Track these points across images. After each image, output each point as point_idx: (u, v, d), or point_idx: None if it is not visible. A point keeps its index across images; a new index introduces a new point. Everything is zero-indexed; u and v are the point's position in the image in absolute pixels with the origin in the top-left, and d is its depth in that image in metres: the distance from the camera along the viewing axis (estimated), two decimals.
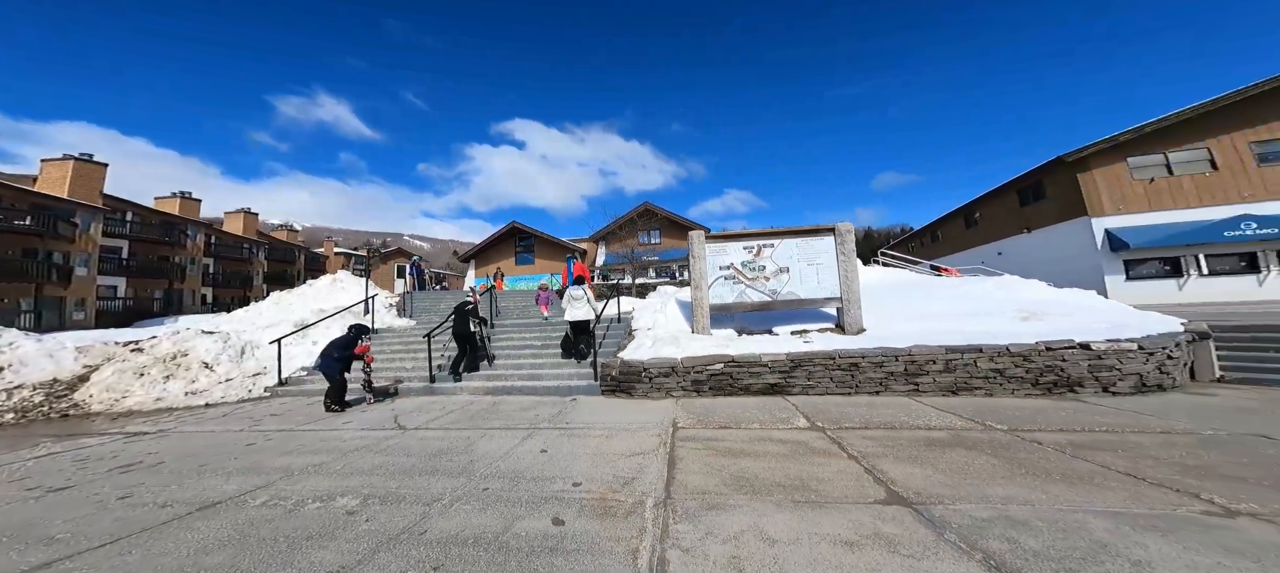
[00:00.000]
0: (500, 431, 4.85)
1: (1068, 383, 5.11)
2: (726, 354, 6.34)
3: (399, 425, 5.28)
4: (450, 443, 4.42)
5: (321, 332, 9.65)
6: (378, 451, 4.26)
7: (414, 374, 7.76)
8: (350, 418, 5.79)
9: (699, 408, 5.52)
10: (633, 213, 22.18)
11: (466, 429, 4.98)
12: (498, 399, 6.60)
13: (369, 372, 6.72)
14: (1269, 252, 14.10)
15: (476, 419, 5.44)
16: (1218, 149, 14.93)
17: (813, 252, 8.10)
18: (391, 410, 6.15)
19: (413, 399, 6.93)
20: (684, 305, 9.54)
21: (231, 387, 7.36)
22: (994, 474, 2.95)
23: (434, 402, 6.56)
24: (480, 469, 3.60)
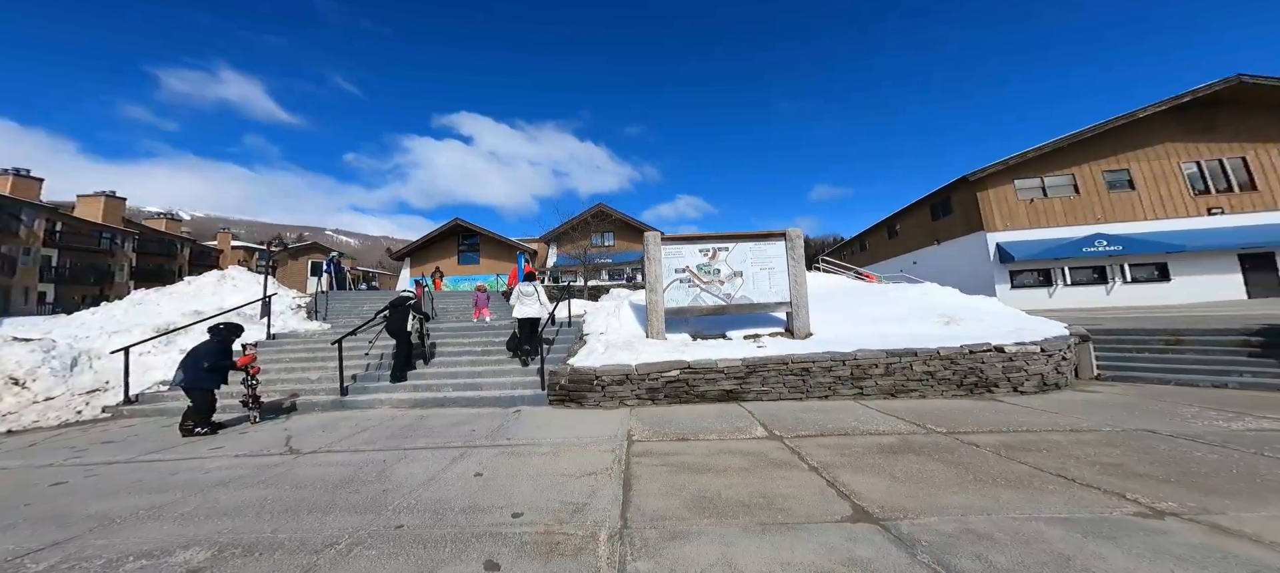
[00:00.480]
0: (426, 451, 4.20)
1: (986, 384, 5.60)
2: (683, 361, 6.16)
3: (291, 450, 4.40)
4: (358, 470, 3.72)
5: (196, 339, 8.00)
6: (254, 483, 3.45)
7: (321, 387, 6.66)
8: (221, 443, 4.74)
9: (654, 418, 5.26)
10: (586, 214, 21.65)
11: (383, 451, 4.26)
12: (426, 413, 5.83)
13: (253, 385, 5.58)
14: (1115, 265, 17.13)
15: (397, 438, 4.70)
16: (1079, 176, 17.88)
17: (765, 256, 8.24)
18: (283, 431, 5.16)
19: (316, 416, 5.90)
20: (638, 309, 9.28)
21: (52, 408, 5.75)
22: (947, 482, 3.00)
23: (344, 418, 5.62)
24: (395, 501, 3.00)
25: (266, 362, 7.29)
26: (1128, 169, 17.47)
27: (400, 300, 7.07)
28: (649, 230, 8.30)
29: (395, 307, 6.91)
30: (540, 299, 7.36)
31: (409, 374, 6.88)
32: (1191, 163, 16.81)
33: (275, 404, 6.11)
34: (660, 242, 8.22)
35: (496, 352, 7.60)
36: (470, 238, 27.84)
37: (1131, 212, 17.19)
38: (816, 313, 8.40)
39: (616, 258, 26.02)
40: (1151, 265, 16.95)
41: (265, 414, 5.81)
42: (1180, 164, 16.90)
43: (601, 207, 22.21)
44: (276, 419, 5.74)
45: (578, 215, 21.87)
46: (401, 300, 7.06)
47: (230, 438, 4.91)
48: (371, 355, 7.57)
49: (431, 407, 6.15)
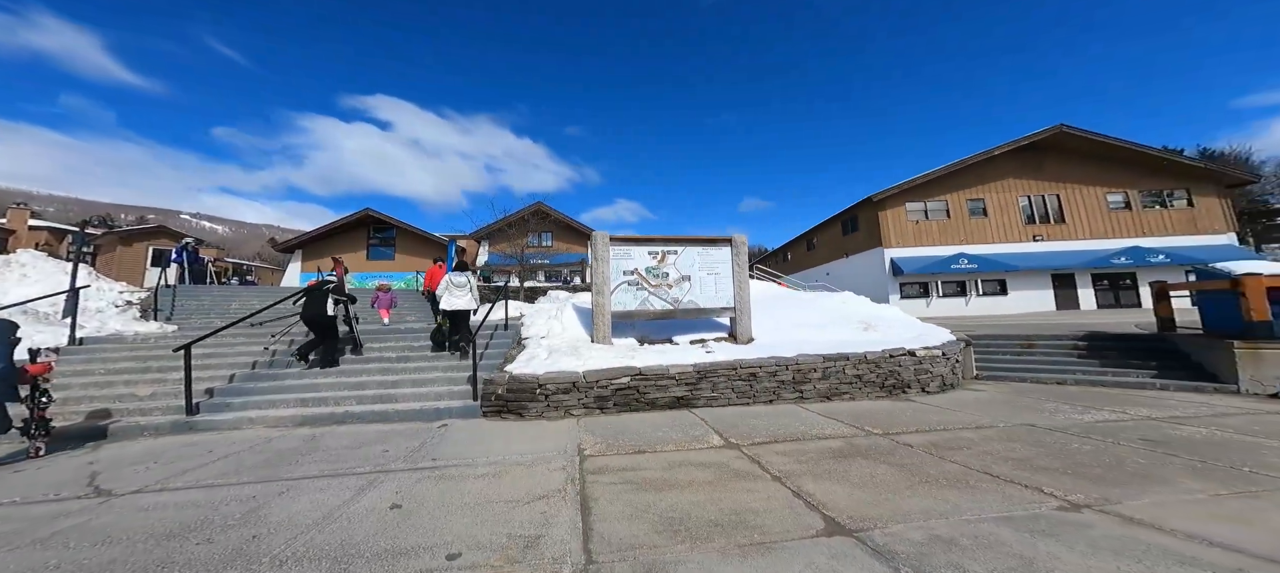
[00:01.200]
0: (319, 481, 3.40)
1: (902, 385, 6.25)
2: (634, 367, 5.91)
3: (97, 490, 3.27)
4: (211, 512, 2.84)
5: None
6: (29, 543, 2.42)
7: (157, 405, 5.13)
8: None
9: (606, 428, 4.93)
10: (524, 211, 20.25)
11: (253, 483, 3.35)
12: (319, 433, 4.79)
13: (42, 404, 4.11)
14: (972, 281, 20.86)
15: (275, 467, 3.75)
16: (951, 202, 21.46)
17: (712, 261, 8.36)
18: (87, 465, 3.84)
19: (145, 443, 4.53)
20: (582, 312, 8.82)
21: None
22: (899, 486, 3.15)
23: (191, 445, 4.36)
24: (273, 550, 2.32)
25: (70, 374, 5.45)
26: (983, 199, 21.42)
27: (318, 284, 6.44)
28: (593, 231, 7.91)
29: (311, 292, 6.30)
30: (472, 291, 6.96)
31: (305, 378, 5.62)
32: (1025, 197, 21.17)
33: (77, 430, 4.51)
34: (609, 241, 7.89)
35: (416, 358, 6.59)
36: (385, 231, 24.47)
37: (985, 236, 21.11)
38: (753, 319, 8.75)
39: (554, 259, 24.97)
40: (996, 282, 20.98)
41: (57, 444, 4.27)
42: (1017, 197, 21.19)
43: (541, 205, 21.02)
44: (79, 451, 4.22)
45: (515, 213, 20.38)
46: (320, 283, 6.44)
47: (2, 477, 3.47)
48: (245, 362, 6.05)
49: (326, 424, 5.07)
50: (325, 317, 6.15)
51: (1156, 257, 19.33)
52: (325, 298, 6.26)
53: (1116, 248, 20.02)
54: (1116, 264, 19.62)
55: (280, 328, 7.07)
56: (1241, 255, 19.33)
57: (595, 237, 7.84)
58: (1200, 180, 19.89)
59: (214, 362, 5.99)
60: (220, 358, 6.08)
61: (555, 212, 22.05)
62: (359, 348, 6.73)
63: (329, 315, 6.19)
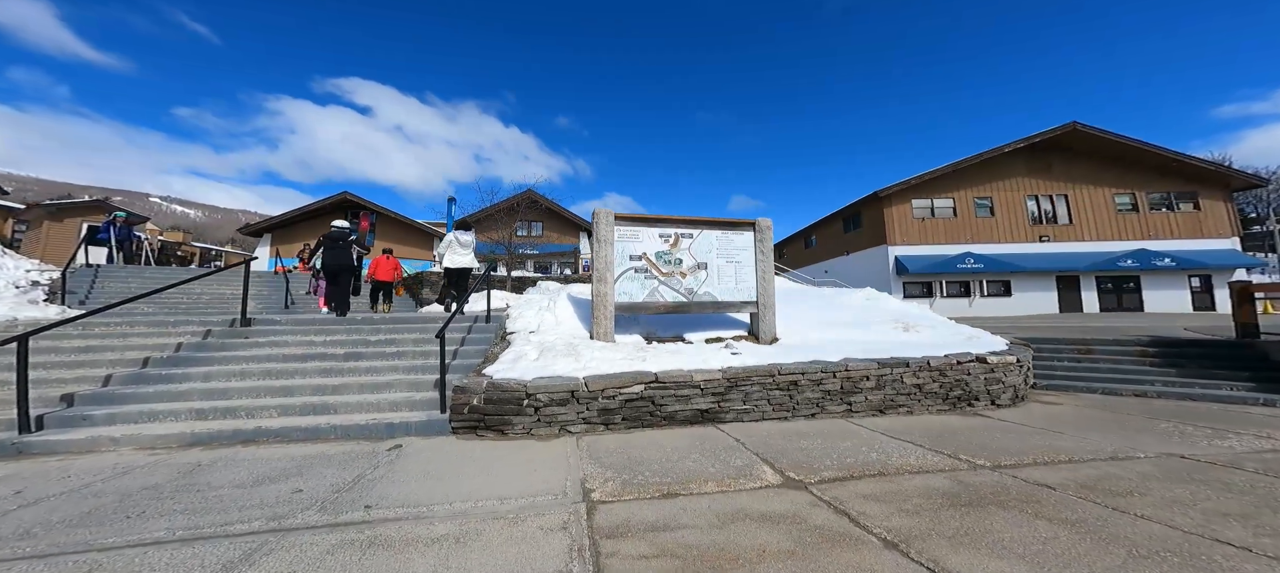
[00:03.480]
0: (159, 551, 2.13)
1: (968, 396, 5.18)
2: (647, 372, 4.68)
3: None
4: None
5: None
6: None
7: None
8: None
9: (615, 454, 3.70)
10: (514, 199, 18.91)
11: (38, 559, 2.03)
12: (211, 458, 3.46)
13: None
14: (977, 281, 20.23)
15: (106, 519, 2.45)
16: (958, 200, 20.78)
17: (732, 248, 7.17)
18: None
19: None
20: (579, 303, 7.54)
21: None
22: (1076, 557, 2.01)
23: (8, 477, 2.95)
24: None
25: None
26: (990, 198, 20.81)
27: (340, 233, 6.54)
28: (595, 208, 6.64)
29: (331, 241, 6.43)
30: (473, 250, 7.29)
31: (215, 380, 4.22)
32: (1032, 196, 20.63)
33: None
34: (614, 220, 6.63)
35: (371, 355, 5.22)
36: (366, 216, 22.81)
37: (991, 235, 20.50)
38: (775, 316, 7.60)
39: (543, 248, 23.60)
40: (1001, 283, 20.41)
41: None
42: (1025, 197, 20.63)
43: (531, 193, 19.63)
44: None
45: (504, 200, 19.07)
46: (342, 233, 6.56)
47: None
48: (134, 358, 4.60)
49: (227, 444, 3.70)
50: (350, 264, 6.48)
51: (1162, 260, 18.97)
52: (350, 249, 6.54)
53: (1123, 250, 19.61)
54: (1123, 267, 19.20)
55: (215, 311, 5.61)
56: (1246, 262, 19.16)
57: (598, 214, 6.57)
58: (1208, 183, 19.63)
59: (91, 358, 4.54)
60: (101, 354, 4.62)
61: (546, 199, 20.68)
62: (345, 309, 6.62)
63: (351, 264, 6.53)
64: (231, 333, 5.33)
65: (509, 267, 16.98)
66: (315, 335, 5.50)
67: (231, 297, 10.42)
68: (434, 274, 13.11)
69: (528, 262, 20.76)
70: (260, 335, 5.35)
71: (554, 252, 24.68)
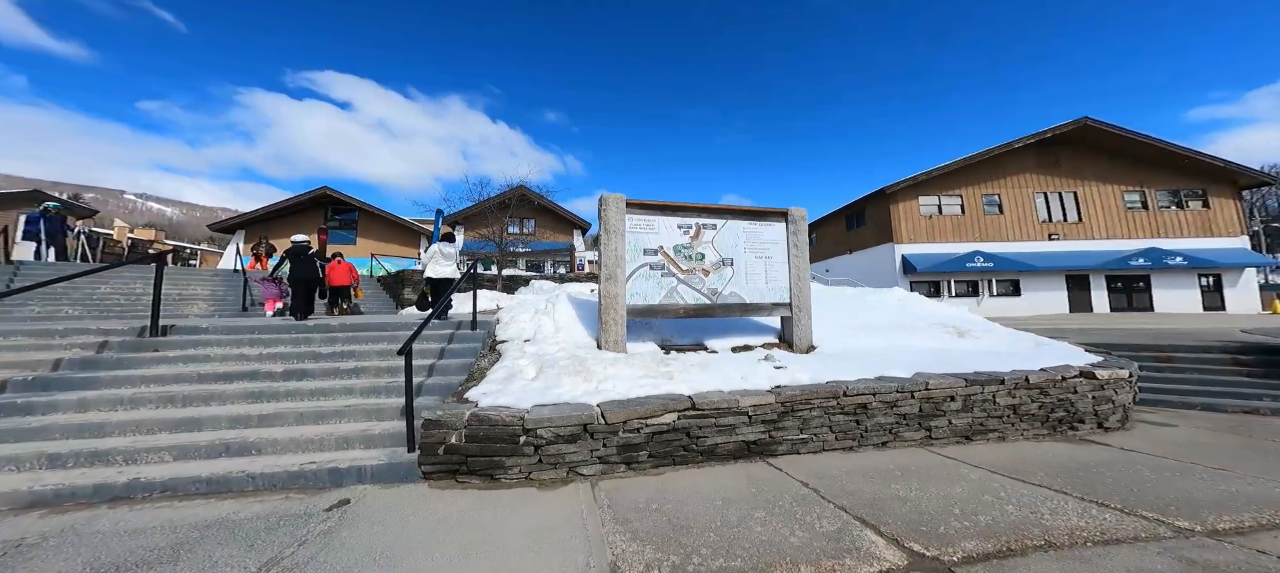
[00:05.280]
0: None
1: (1073, 418, 4.25)
2: (679, 396, 3.63)
3: None
4: None
5: None
6: None
7: None
8: None
9: (649, 513, 2.64)
10: (505, 195, 17.74)
11: None
12: (57, 524, 2.35)
13: None
14: (985, 280, 19.62)
15: None
16: (966, 197, 20.15)
17: (761, 241, 6.15)
18: None
19: None
20: (582, 306, 6.46)
21: None
22: None
23: None
24: None
25: None
26: (999, 195, 20.22)
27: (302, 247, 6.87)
28: (603, 194, 5.56)
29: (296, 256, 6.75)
30: (457, 260, 7.54)
31: (92, 410, 3.04)
32: (1041, 193, 20.09)
33: None
34: (625, 207, 5.55)
35: (319, 373, 4.05)
36: (345, 212, 21.40)
37: (1000, 233, 19.91)
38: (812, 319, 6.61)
39: (536, 246, 22.41)
40: (1010, 282, 19.84)
41: None
42: (1034, 193, 20.08)
43: (523, 189, 18.46)
44: None
45: (495, 196, 17.88)
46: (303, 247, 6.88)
47: None
48: None
49: (84, 505, 2.55)
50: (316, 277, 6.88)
51: (1174, 259, 18.56)
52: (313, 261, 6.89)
53: (1134, 249, 19.16)
54: (1135, 266, 18.74)
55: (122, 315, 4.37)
56: (1257, 261, 18.87)
57: (607, 200, 5.49)
58: (1217, 180, 19.30)
59: None
60: None
61: (538, 195, 19.48)
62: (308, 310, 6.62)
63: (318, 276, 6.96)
64: (136, 345, 4.12)
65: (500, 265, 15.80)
66: (249, 347, 4.31)
67: (178, 297, 9.09)
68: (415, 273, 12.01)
69: (520, 260, 19.57)
70: (175, 348, 4.15)
71: (547, 249, 23.49)
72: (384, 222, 21.91)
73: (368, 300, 10.68)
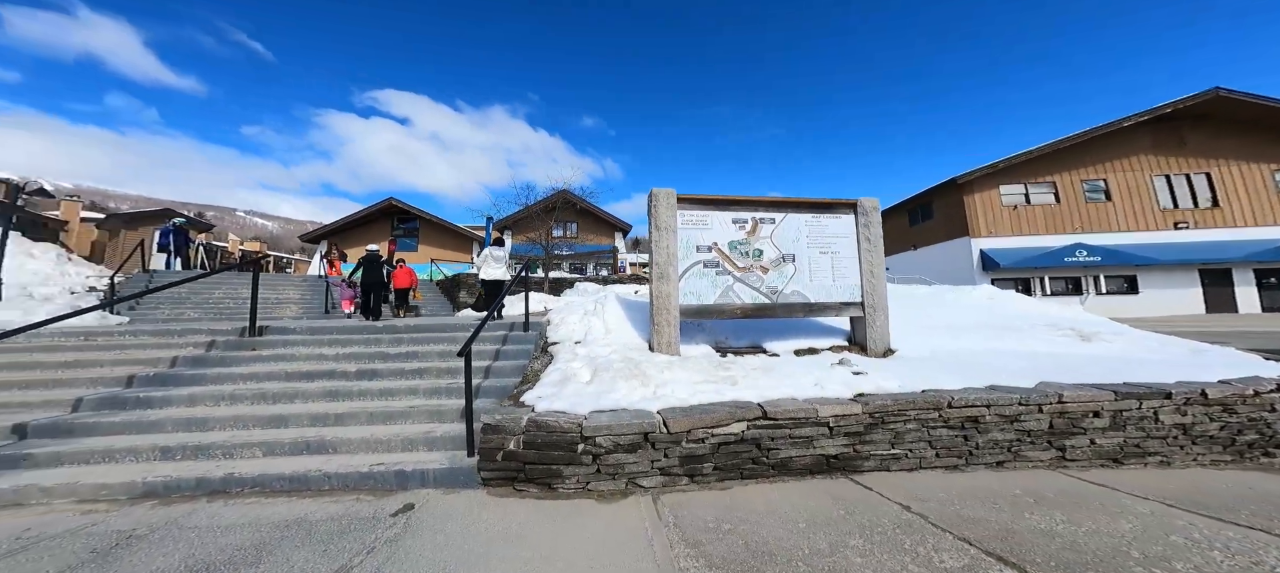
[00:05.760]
0: None
1: (1271, 443, 3.33)
2: (746, 403, 3.31)
3: None
4: None
5: None
6: None
7: None
8: None
9: (720, 534, 2.34)
10: (548, 200, 18.41)
11: None
12: (163, 517, 2.52)
13: None
14: (1090, 276, 16.98)
15: None
16: (1061, 184, 17.64)
17: (826, 235, 5.63)
18: None
19: None
20: (631, 307, 6.29)
21: None
22: None
23: None
24: None
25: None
26: (1105, 180, 17.48)
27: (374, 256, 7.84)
28: (653, 189, 5.36)
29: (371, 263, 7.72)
30: (506, 263, 7.92)
31: (199, 405, 3.34)
32: (1161, 176, 17.09)
33: None
34: (676, 202, 5.32)
35: (387, 373, 4.21)
36: (408, 221, 23.37)
37: (1107, 223, 17.18)
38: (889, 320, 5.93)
39: (578, 249, 22.90)
40: (1123, 278, 17.02)
41: None
42: (1151, 177, 17.13)
43: (566, 193, 19.00)
44: None
45: (538, 201, 18.63)
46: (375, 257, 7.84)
47: None
48: (118, 376, 3.83)
49: (186, 499, 2.74)
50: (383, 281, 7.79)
51: None
52: (381, 268, 7.80)
53: None
54: None
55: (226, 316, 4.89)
56: None
57: (657, 195, 5.29)
58: None
59: (73, 375, 3.85)
60: (86, 370, 3.92)
61: (581, 199, 19.88)
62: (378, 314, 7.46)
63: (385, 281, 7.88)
64: (237, 344, 4.56)
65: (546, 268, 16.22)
66: (328, 347, 4.60)
67: (275, 301, 10.19)
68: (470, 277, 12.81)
69: (563, 263, 20.04)
70: (268, 348, 4.53)
71: (590, 252, 23.93)
72: (441, 229, 23.51)
73: (427, 303, 11.38)
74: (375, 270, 7.65)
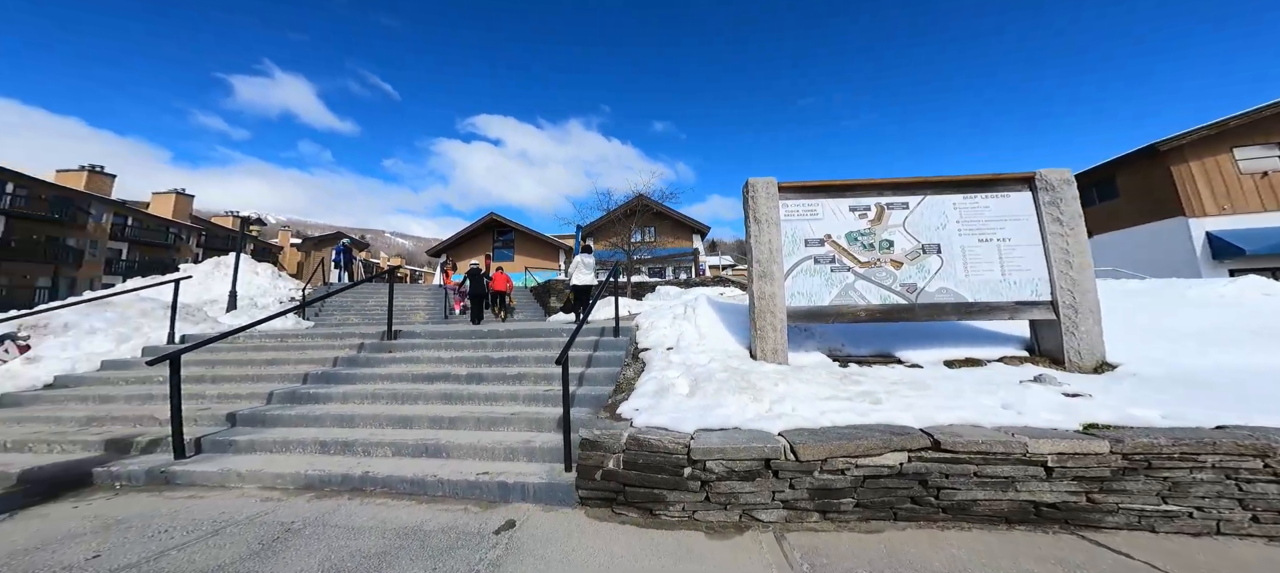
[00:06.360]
0: None
1: None
2: (902, 428, 2.58)
3: None
4: None
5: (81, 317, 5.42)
6: None
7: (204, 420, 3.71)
8: None
9: None
10: (625, 206, 18.81)
11: None
12: (315, 511, 2.79)
13: None
14: None
15: None
16: None
17: (987, 219, 4.43)
18: None
19: (98, 504, 2.91)
20: (724, 310, 5.74)
21: None
22: None
23: (118, 523, 2.52)
24: None
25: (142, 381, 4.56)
26: None
27: (477, 270, 9.44)
28: (749, 180, 4.78)
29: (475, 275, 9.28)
30: (594, 271, 8.20)
31: (350, 403, 3.80)
32: None
33: (75, 469, 3.18)
34: (778, 192, 4.67)
35: (491, 377, 4.35)
36: (505, 233, 26.16)
37: None
38: (1100, 323, 4.39)
39: (657, 253, 22.93)
40: None
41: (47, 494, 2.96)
42: None
43: (642, 198, 19.17)
44: (31, 513, 2.75)
45: (617, 208, 19.12)
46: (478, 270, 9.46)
47: None
48: (295, 373, 4.58)
49: (335, 493, 3.01)
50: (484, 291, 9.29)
51: None
52: (482, 279, 9.34)
53: None
54: None
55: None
56: None
57: (754, 187, 4.71)
58: None
59: (270, 371, 4.72)
60: (278, 368, 4.78)
61: (656, 203, 19.79)
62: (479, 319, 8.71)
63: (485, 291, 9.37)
64: (379, 346, 5.21)
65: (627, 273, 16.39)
66: (444, 351, 4.99)
67: (409, 308, 11.90)
68: (560, 282, 13.77)
69: (641, 267, 20.10)
70: (400, 351, 5.09)
71: (668, 255, 23.76)
72: (533, 239, 25.66)
73: (522, 307, 12.48)
74: (478, 282, 9.17)
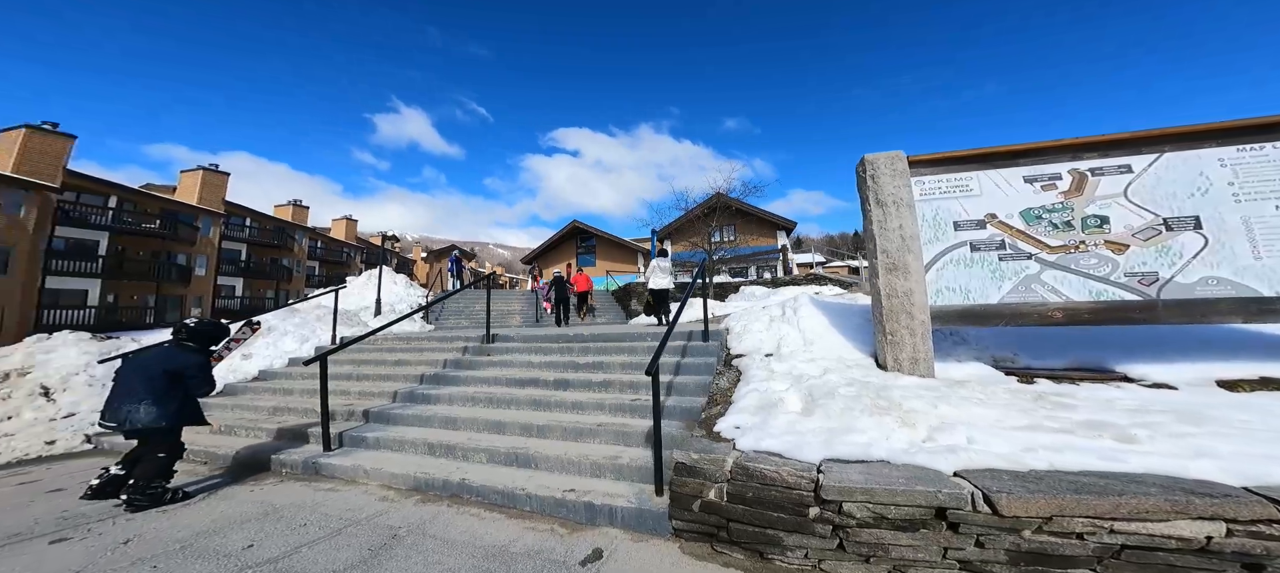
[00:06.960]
0: None
1: None
2: (1211, 484, 1.62)
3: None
4: None
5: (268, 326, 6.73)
6: None
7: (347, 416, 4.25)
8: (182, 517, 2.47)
9: None
10: (703, 205, 17.92)
11: None
12: (421, 516, 2.89)
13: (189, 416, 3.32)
14: None
15: None
16: None
17: (1272, 172, 2.88)
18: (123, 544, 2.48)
19: (267, 488, 3.40)
20: (831, 311, 4.82)
21: (72, 426, 4.52)
22: None
23: (271, 511, 2.85)
24: None
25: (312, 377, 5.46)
26: None
27: (560, 278, 10.35)
28: (866, 156, 3.83)
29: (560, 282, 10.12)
30: (671, 274, 8.26)
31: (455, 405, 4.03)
32: None
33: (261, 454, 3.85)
34: (907, 169, 3.68)
35: (577, 384, 4.20)
36: (588, 239, 27.40)
37: None
38: None
39: (739, 252, 21.51)
40: None
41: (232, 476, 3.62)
42: None
43: (720, 196, 18.00)
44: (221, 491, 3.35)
45: (693, 209, 18.33)
46: (561, 278, 10.35)
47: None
48: (413, 373, 5.04)
49: (437, 498, 3.09)
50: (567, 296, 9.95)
51: None
52: (565, 285, 10.11)
53: None
54: None
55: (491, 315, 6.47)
56: None
57: (874, 163, 3.79)
58: None
59: (401, 370, 5.25)
60: (406, 368, 5.28)
61: (735, 202, 18.35)
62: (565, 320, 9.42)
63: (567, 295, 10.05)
64: (479, 349, 5.52)
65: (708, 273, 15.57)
66: (535, 355, 5.05)
67: (506, 313, 12.93)
68: (640, 285, 13.67)
69: (722, 267, 18.89)
70: (497, 355, 5.32)
71: (751, 254, 22.08)
72: (613, 244, 26.25)
73: (603, 309, 12.74)
74: (562, 288, 9.99)
